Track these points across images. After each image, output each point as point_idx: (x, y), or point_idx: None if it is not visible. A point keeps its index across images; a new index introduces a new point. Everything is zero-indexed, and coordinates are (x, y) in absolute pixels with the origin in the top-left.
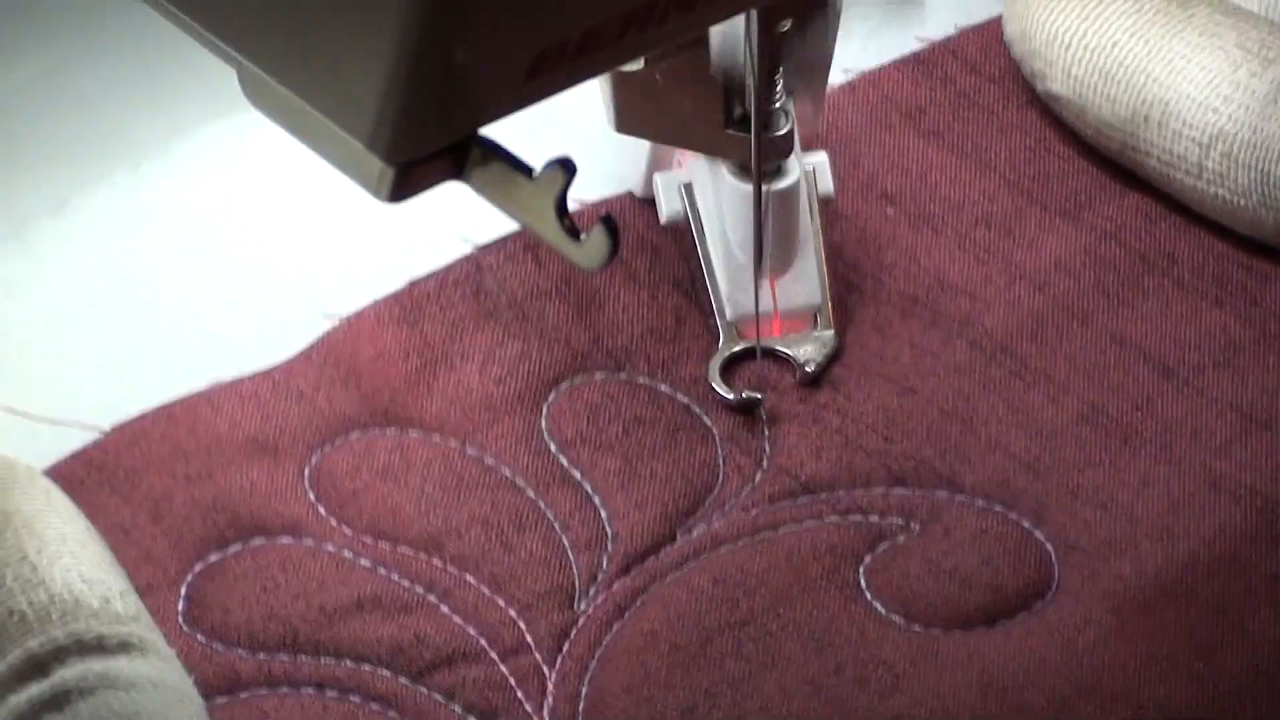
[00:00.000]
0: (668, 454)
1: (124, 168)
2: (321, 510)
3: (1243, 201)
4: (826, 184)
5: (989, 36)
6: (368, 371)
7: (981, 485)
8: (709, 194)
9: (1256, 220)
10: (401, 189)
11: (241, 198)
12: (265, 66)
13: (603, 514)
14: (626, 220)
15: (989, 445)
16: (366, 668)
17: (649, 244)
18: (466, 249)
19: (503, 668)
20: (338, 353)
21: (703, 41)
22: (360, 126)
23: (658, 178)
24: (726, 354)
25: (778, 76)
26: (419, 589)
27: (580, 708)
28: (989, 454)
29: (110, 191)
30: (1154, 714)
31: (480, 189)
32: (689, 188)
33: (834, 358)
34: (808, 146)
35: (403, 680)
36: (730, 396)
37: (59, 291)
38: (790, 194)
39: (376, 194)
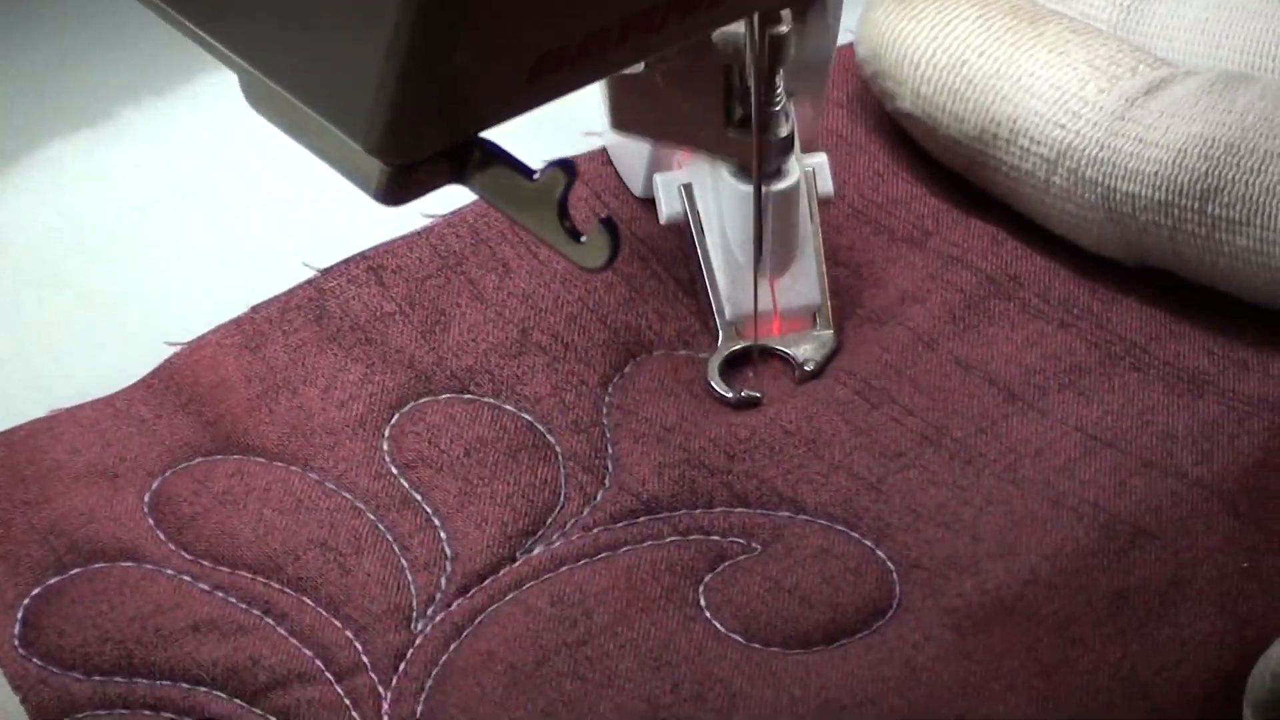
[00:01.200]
0: (509, 473)
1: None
2: (160, 535)
3: (1090, 216)
4: (826, 185)
5: (839, 61)
6: (209, 398)
7: (824, 506)
8: (709, 194)
9: (1102, 235)
10: (401, 192)
11: (82, 222)
12: (264, 70)
13: (442, 535)
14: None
15: (832, 466)
16: (202, 690)
17: (500, 259)
18: (309, 273)
19: (338, 688)
20: (179, 379)
21: (704, 43)
22: (359, 129)
23: (657, 178)
24: (725, 353)
25: (778, 78)
26: (256, 611)
27: None
28: (833, 474)
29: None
30: None
31: (480, 191)
32: (689, 188)
33: (832, 357)
34: (808, 148)
35: (238, 701)
36: (729, 395)
37: None
38: (790, 195)
39: (376, 197)
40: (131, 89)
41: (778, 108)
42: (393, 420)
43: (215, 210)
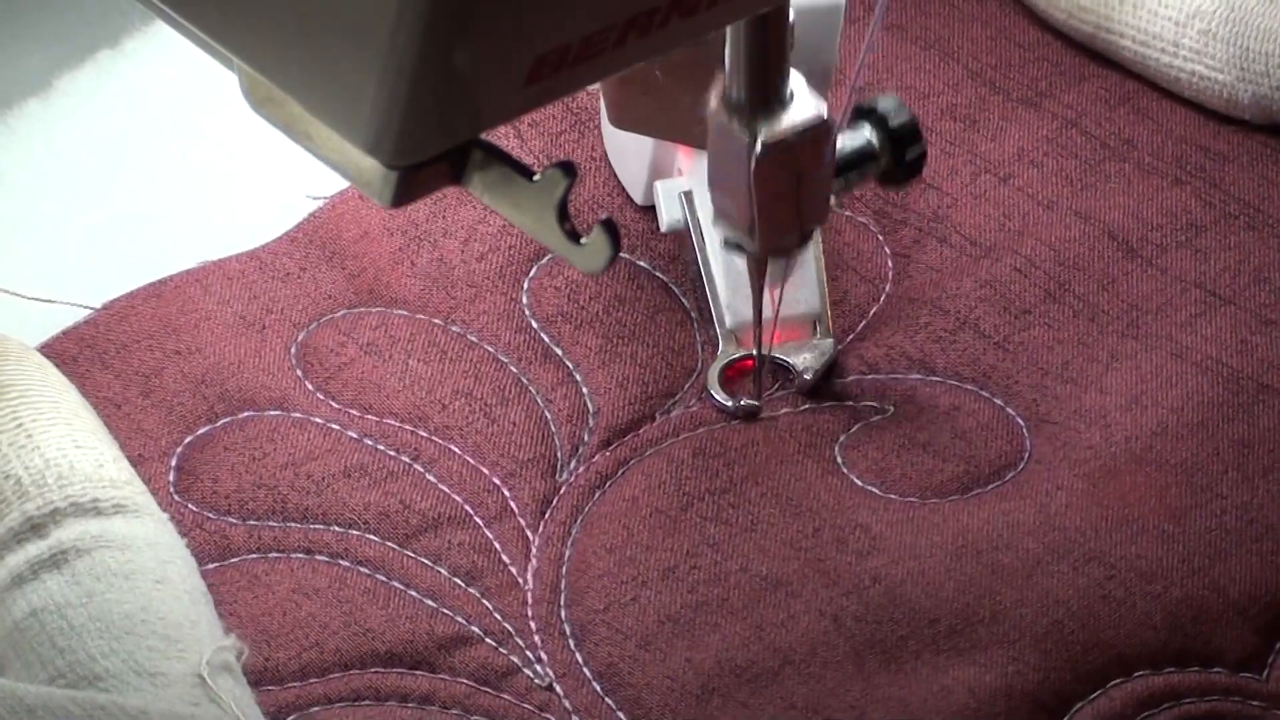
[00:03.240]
0: (648, 335)
1: (106, 47)
2: (308, 385)
3: (1220, 77)
4: None
5: None
6: (352, 251)
7: (953, 366)
8: (709, 202)
9: (1233, 97)
10: (403, 194)
11: (226, 77)
12: (266, 72)
13: (584, 390)
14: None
15: (959, 323)
16: (354, 533)
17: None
18: None
19: (487, 532)
20: (322, 233)
21: (704, 43)
22: (361, 132)
23: (658, 185)
24: (725, 361)
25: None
26: (405, 458)
27: (564, 570)
28: (960, 332)
29: (94, 71)
30: (1125, 573)
31: (481, 192)
32: (689, 195)
33: (832, 365)
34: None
35: (390, 545)
36: (729, 404)
37: (47, 174)
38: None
39: (378, 198)
40: None
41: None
42: (531, 273)
43: None
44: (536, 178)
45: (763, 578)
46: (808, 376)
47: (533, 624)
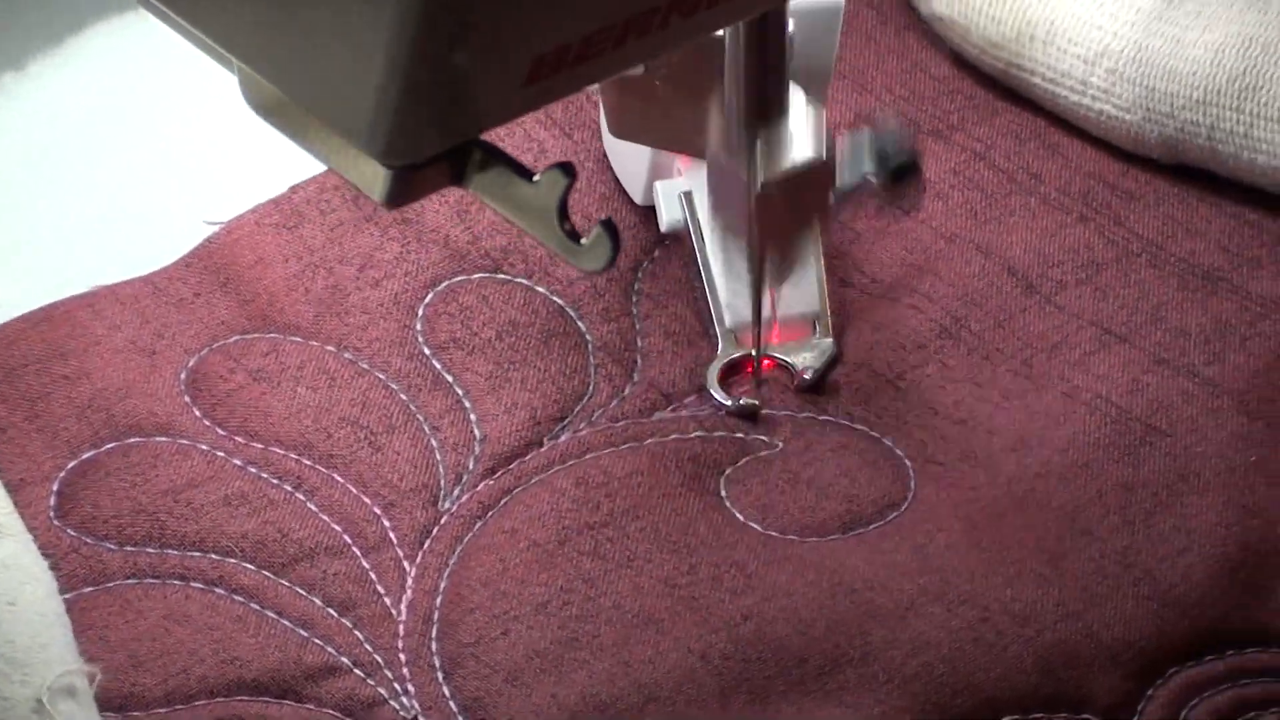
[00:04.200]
0: (540, 359)
1: (10, 69)
2: (196, 411)
3: (1127, 117)
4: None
5: None
6: (247, 277)
7: (845, 405)
8: (709, 202)
9: (1140, 136)
10: (401, 193)
11: (123, 105)
12: (264, 72)
13: (472, 417)
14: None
15: (854, 364)
16: (231, 561)
17: (535, 140)
18: None
19: (364, 562)
20: (218, 258)
21: (703, 46)
22: (359, 132)
23: (658, 186)
24: (724, 360)
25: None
26: (287, 486)
27: (438, 601)
28: (854, 372)
29: None
30: (999, 616)
31: (480, 193)
32: (689, 196)
33: (832, 365)
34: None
35: (265, 573)
36: (728, 403)
37: None
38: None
39: (376, 198)
40: None
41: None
42: (426, 299)
43: None
44: (536, 178)
45: (634, 615)
46: (808, 376)
47: (402, 656)
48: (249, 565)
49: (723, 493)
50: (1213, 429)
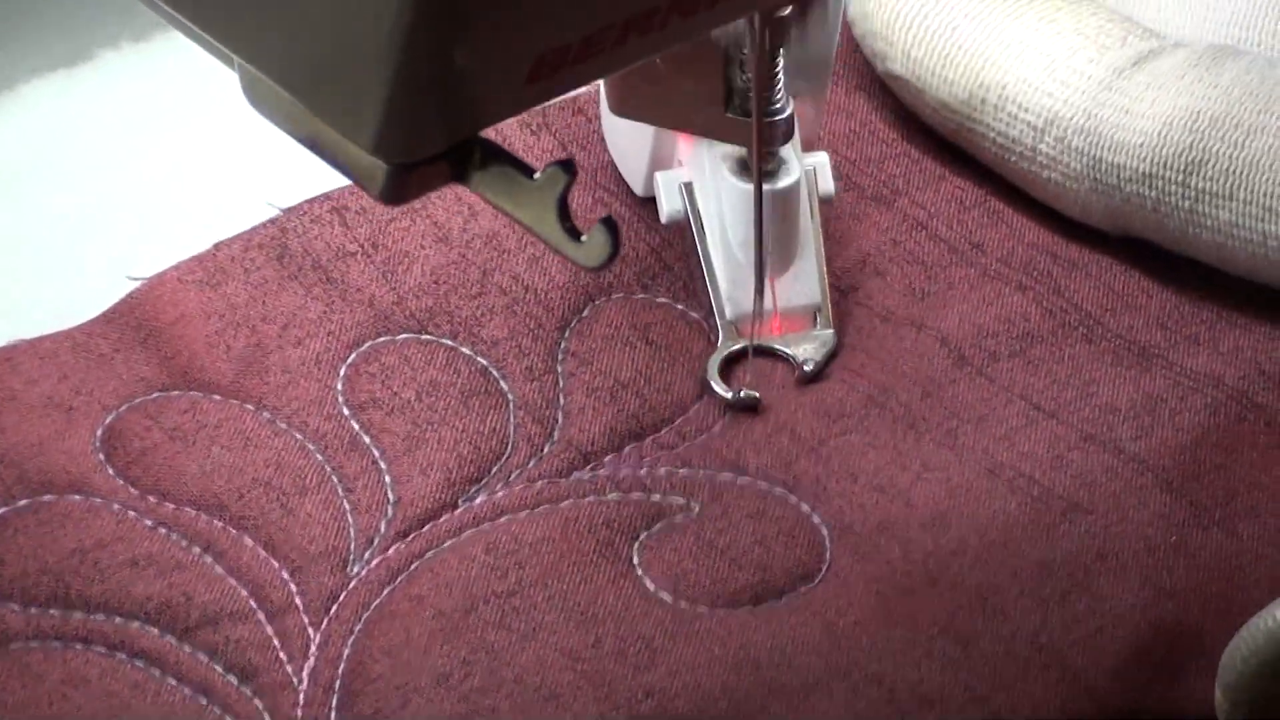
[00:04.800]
0: (459, 419)
1: None
2: (110, 469)
3: (1075, 185)
4: (827, 184)
5: None
6: (168, 333)
7: (765, 468)
8: (709, 193)
9: (1087, 204)
10: (402, 191)
11: (48, 155)
12: (265, 69)
13: (387, 478)
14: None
15: (776, 427)
16: (134, 625)
17: (466, 202)
18: (272, 212)
19: (268, 628)
20: (139, 314)
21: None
22: (360, 129)
23: (658, 177)
24: (725, 352)
25: (778, 72)
26: (196, 548)
27: (340, 669)
28: (776, 435)
29: None
30: (904, 696)
31: (481, 190)
32: (689, 187)
33: (832, 356)
34: (808, 147)
35: (168, 638)
36: (728, 395)
37: None
38: (790, 194)
39: (377, 196)
40: (110, 30)
41: (779, 96)
42: (349, 360)
43: (181, 146)
44: (537, 176)
45: (535, 689)
46: (809, 368)
47: None
48: (152, 629)
49: (635, 559)
50: (1135, 507)
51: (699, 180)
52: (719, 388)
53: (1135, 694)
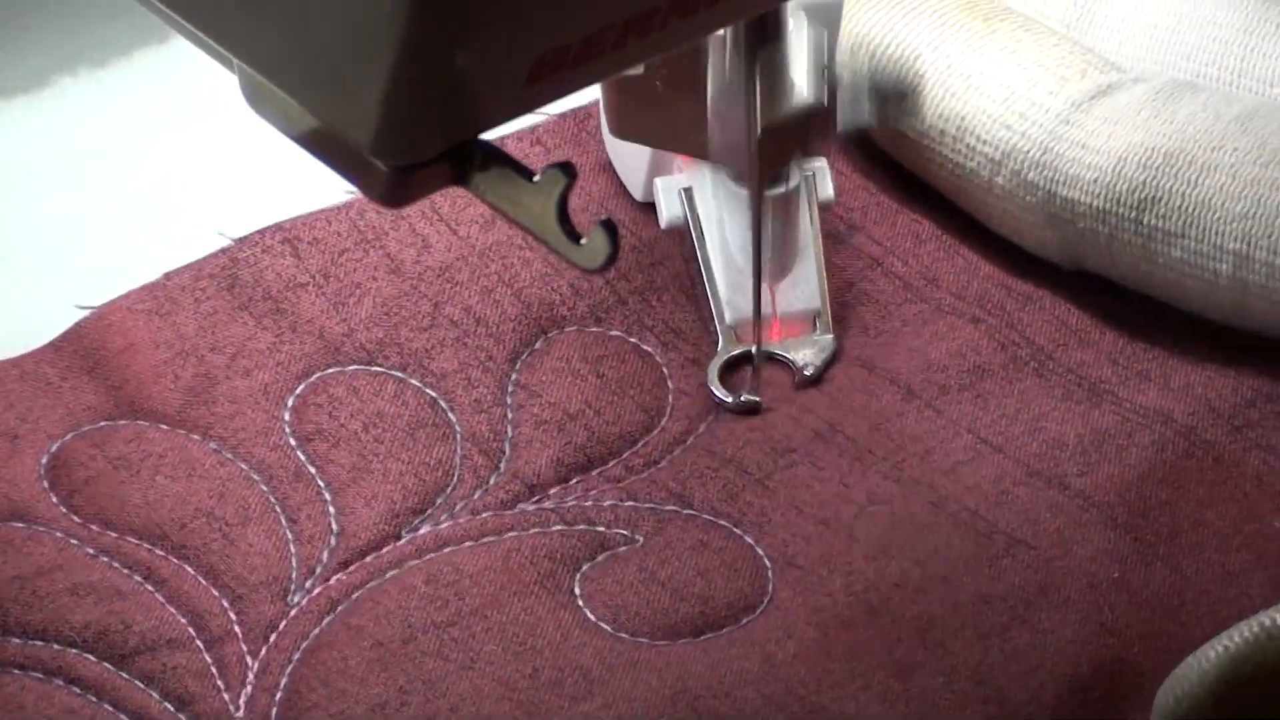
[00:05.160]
0: (405, 451)
1: None
2: (53, 497)
3: (1030, 218)
4: (826, 189)
5: None
6: (116, 362)
7: (710, 500)
8: (709, 198)
9: (1042, 238)
10: (402, 193)
11: None
12: (264, 72)
13: (331, 509)
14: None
15: (723, 461)
16: (72, 652)
17: (419, 235)
18: (224, 242)
19: (206, 656)
20: (87, 343)
21: (704, 45)
22: (360, 131)
23: (658, 182)
24: (725, 357)
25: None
26: (137, 577)
27: (277, 698)
28: (723, 469)
29: None
30: None
31: (481, 192)
32: (689, 192)
33: (832, 361)
34: (807, 153)
35: (106, 665)
36: (729, 399)
37: None
38: (790, 199)
39: (377, 199)
40: (67, 56)
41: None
42: (297, 390)
43: (133, 176)
44: (537, 178)
45: (471, 719)
46: (809, 373)
47: None
48: (90, 656)
49: (577, 590)
50: (1078, 543)
51: (699, 185)
52: (719, 392)
53: None
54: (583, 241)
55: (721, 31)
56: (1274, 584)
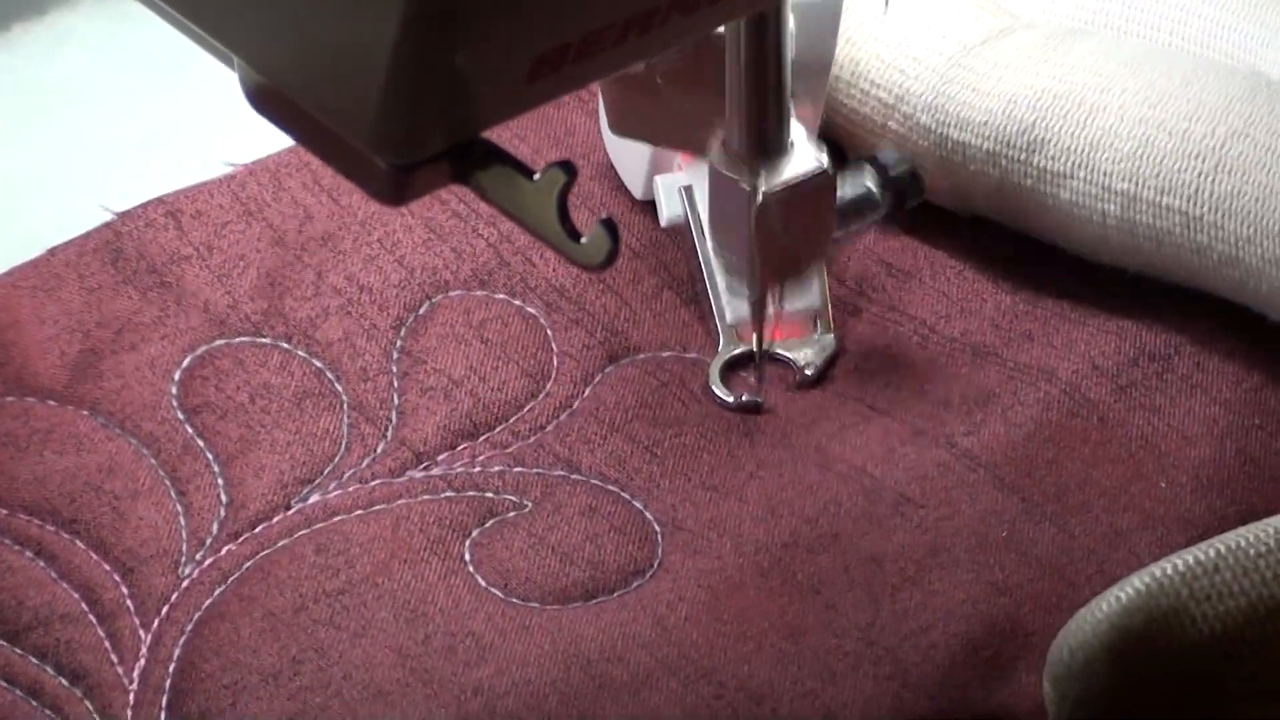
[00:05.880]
0: (292, 421)
1: None
2: None
3: (922, 163)
4: None
5: None
6: (1, 339)
7: (598, 466)
8: (708, 213)
9: (932, 184)
10: (403, 192)
11: None
12: (265, 69)
13: (220, 481)
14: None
15: (611, 429)
16: None
17: (302, 205)
18: (107, 217)
19: (99, 630)
20: None
21: (704, 42)
22: (361, 130)
23: (658, 180)
24: (726, 357)
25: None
26: (28, 552)
27: (170, 669)
28: (611, 436)
29: None
30: (734, 692)
31: (482, 191)
32: (689, 190)
33: (833, 361)
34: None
35: None
36: (729, 399)
37: None
38: None
39: (378, 197)
40: None
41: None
42: (184, 364)
43: (15, 152)
44: (537, 176)
45: (364, 687)
46: (809, 373)
47: None
48: None
49: (467, 557)
50: (966, 502)
51: (699, 184)
52: (720, 392)
53: (966, 690)
54: (583, 240)
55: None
56: (1162, 544)
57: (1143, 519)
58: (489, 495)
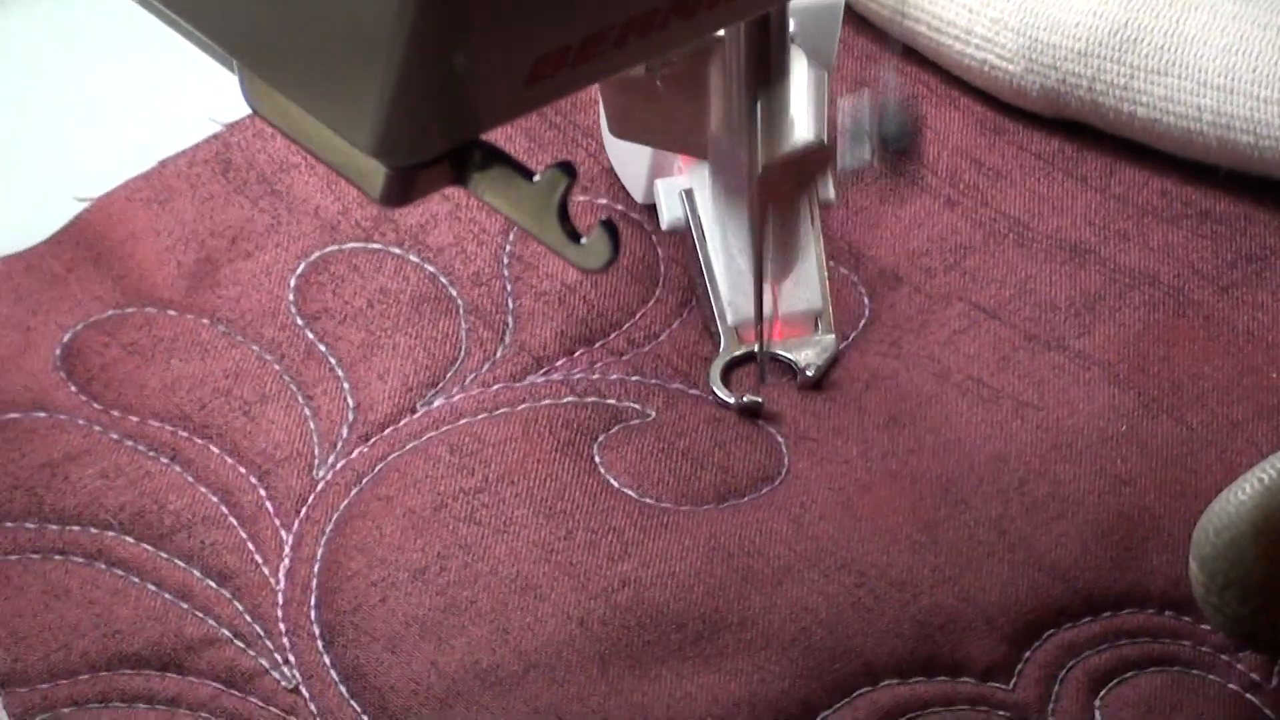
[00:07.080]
0: (411, 326)
1: None
2: (71, 386)
3: (1010, 68)
4: (826, 190)
5: None
6: (119, 252)
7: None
8: (710, 199)
9: (1021, 87)
10: (403, 194)
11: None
12: (265, 73)
13: (345, 385)
14: None
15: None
16: (110, 534)
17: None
18: (215, 128)
19: (241, 531)
20: (89, 234)
21: (704, 46)
22: (361, 132)
23: (659, 183)
24: (727, 358)
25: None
26: (163, 458)
27: (315, 568)
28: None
29: None
30: (875, 580)
31: (481, 193)
32: (690, 193)
33: (834, 362)
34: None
35: (144, 545)
36: (731, 400)
37: None
38: None
39: (378, 199)
40: None
41: None
42: (298, 270)
43: (121, 65)
44: (537, 178)
45: (512, 580)
46: (810, 373)
47: (282, 625)
48: (128, 538)
49: (597, 459)
50: (1084, 401)
51: (700, 186)
52: (721, 393)
53: (1098, 574)
54: (583, 241)
55: (724, 63)
56: (1279, 433)
57: (1257, 409)
58: (610, 402)
